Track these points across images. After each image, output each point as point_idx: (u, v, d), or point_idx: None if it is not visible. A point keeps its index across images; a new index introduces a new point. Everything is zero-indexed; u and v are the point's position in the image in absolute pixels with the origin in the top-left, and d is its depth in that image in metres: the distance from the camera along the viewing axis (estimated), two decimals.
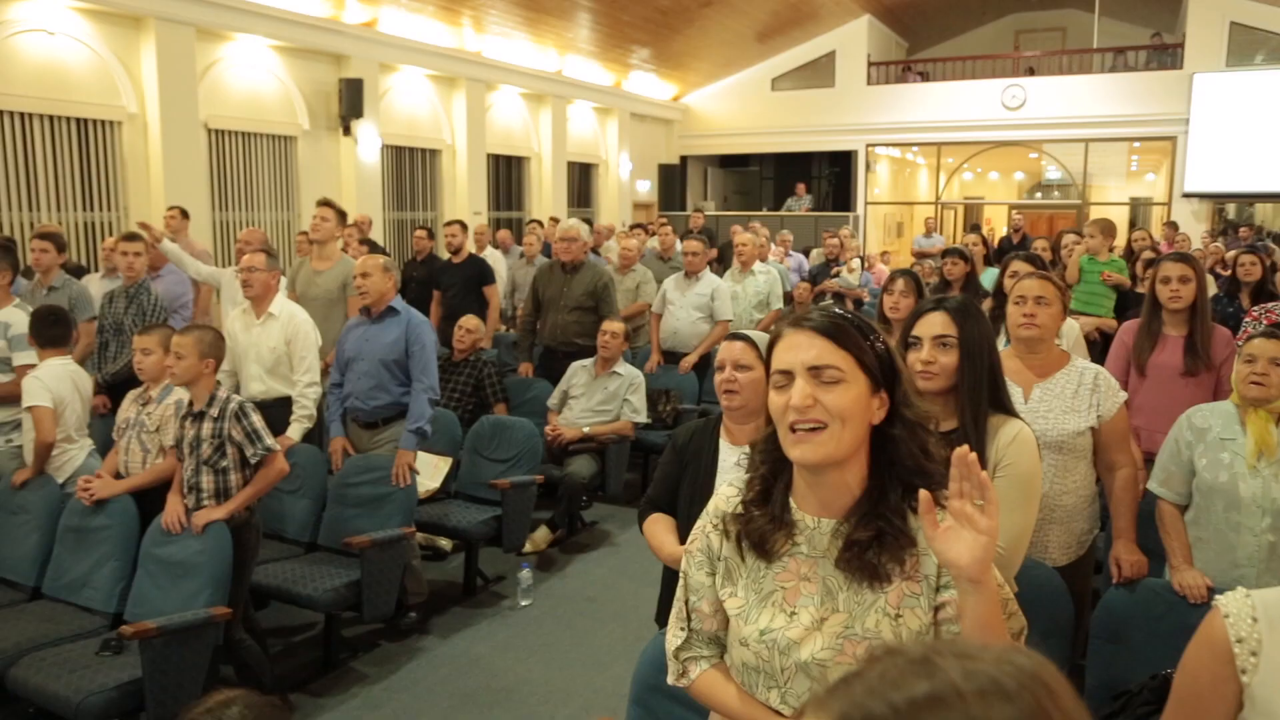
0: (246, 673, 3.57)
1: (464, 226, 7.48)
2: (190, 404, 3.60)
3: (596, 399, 5.63)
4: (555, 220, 11.97)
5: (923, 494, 1.31)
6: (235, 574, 3.44)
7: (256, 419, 3.57)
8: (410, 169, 12.12)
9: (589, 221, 12.25)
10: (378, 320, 4.56)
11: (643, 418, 5.70)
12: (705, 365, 6.40)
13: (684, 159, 18.46)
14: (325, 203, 5.57)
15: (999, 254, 7.73)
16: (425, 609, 4.54)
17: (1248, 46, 15.06)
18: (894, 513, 1.45)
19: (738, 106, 17.91)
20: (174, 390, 3.87)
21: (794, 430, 1.42)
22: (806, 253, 11.62)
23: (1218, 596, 1.50)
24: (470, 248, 7.77)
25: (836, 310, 1.50)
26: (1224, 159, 14.85)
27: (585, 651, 4.22)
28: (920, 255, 12.63)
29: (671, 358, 6.64)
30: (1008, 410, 2.33)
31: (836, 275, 9.17)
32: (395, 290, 4.62)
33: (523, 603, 4.69)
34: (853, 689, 0.66)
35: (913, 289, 4.16)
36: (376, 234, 10.61)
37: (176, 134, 8.75)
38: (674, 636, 1.65)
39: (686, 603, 1.63)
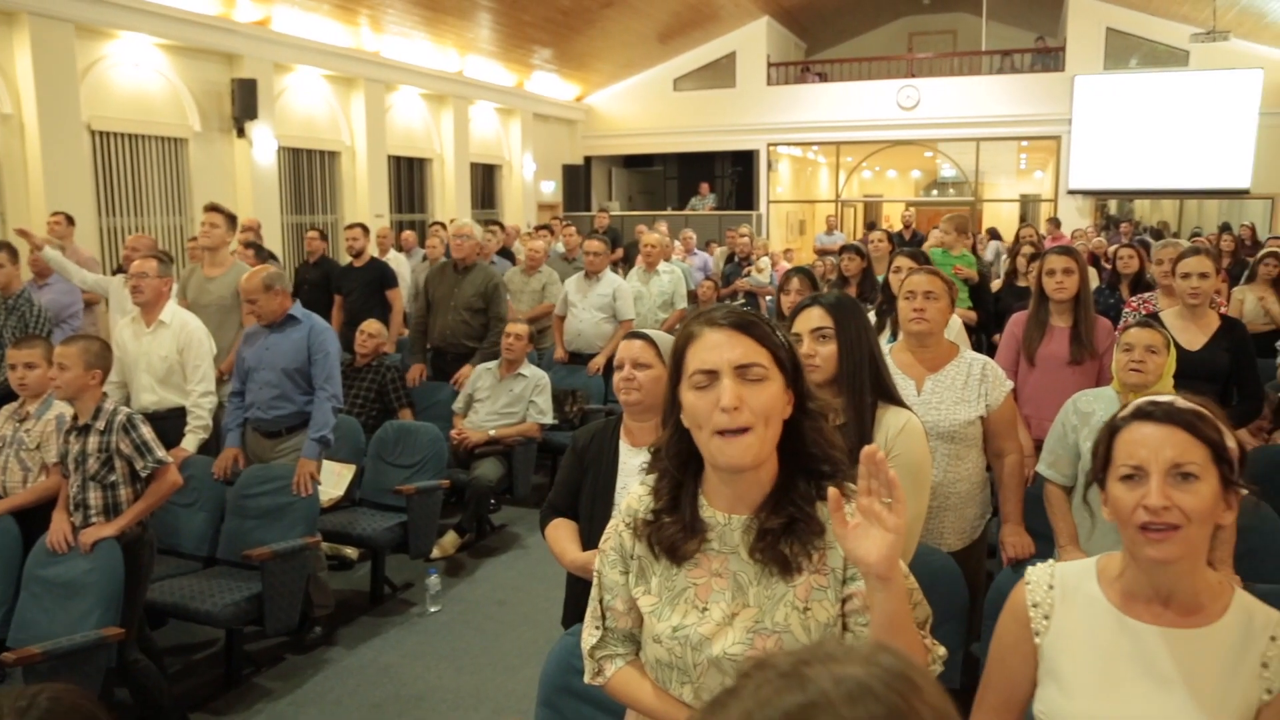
0: (143, 695, 3.44)
1: (365, 230, 7.34)
2: (74, 417, 3.46)
3: (502, 401, 5.59)
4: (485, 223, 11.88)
5: (832, 491, 1.32)
6: (128, 593, 3.32)
7: (146, 431, 3.45)
8: (308, 171, 11.83)
9: (498, 223, 12.18)
10: (278, 329, 4.45)
11: (549, 419, 5.69)
12: (612, 366, 6.41)
13: (588, 159, 18.47)
14: (213, 208, 5.41)
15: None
16: (331, 620, 4.45)
17: (1123, 51, 15.81)
18: (804, 500, 1.47)
19: (640, 107, 18.00)
20: (54, 404, 3.72)
21: (722, 434, 1.41)
22: (709, 248, 11.75)
23: (1028, 567, 1.61)
24: (372, 251, 7.64)
25: (743, 307, 1.51)
26: (1104, 157, 15.55)
27: (495, 655, 4.19)
28: (822, 252, 12.87)
29: (576, 359, 6.64)
30: (895, 400, 2.40)
31: (748, 274, 9.30)
32: (289, 299, 4.51)
33: (431, 609, 4.64)
34: (729, 710, 0.68)
35: (808, 285, 4.24)
36: (274, 238, 10.34)
37: (56, 135, 8.36)
38: (589, 635, 1.65)
39: (601, 601, 1.63)
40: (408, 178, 13.78)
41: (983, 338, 5.92)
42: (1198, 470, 1.39)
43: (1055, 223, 13.00)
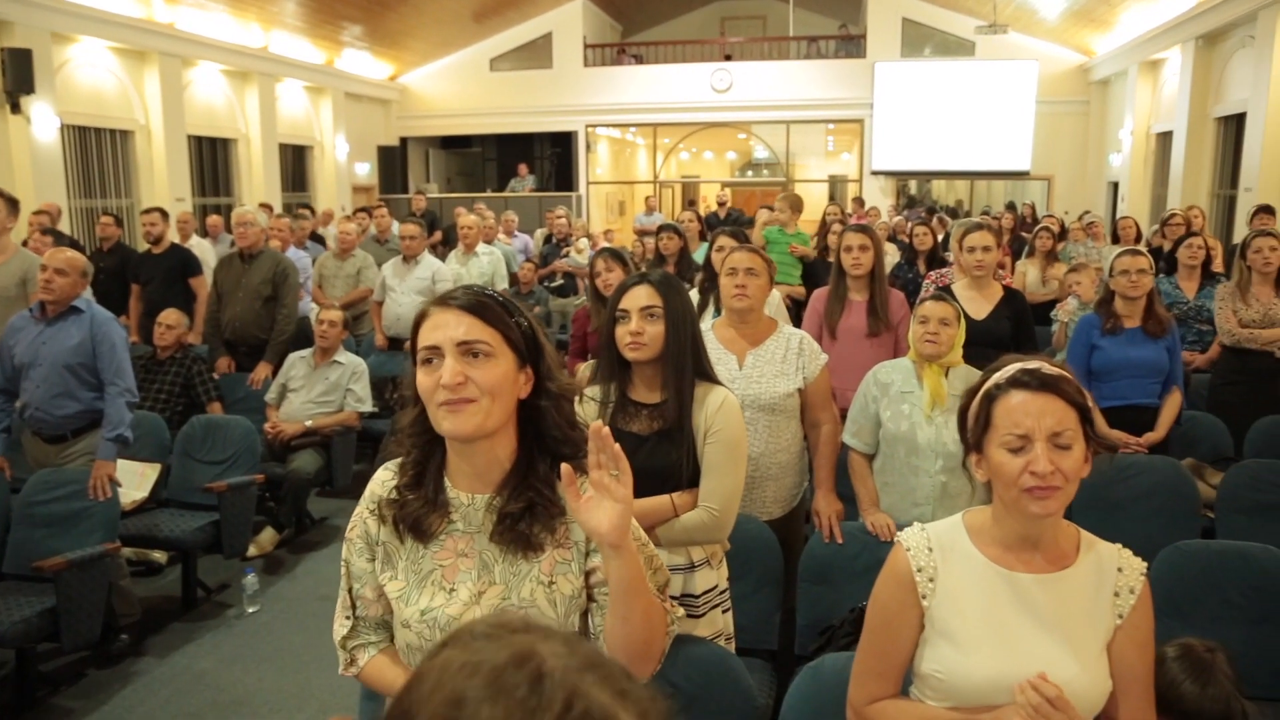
0: None
1: (164, 214, 6.89)
2: None
3: (317, 390, 5.41)
4: (267, 206, 11.32)
5: (564, 468, 1.37)
6: None
7: None
8: (98, 151, 10.96)
9: (307, 207, 11.69)
10: (54, 320, 4.08)
11: (368, 407, 5.55)
12: None
13: (404, 140, 18.00)
14: None
15: (710, 229, 8.14)
16: (139, 629, 4.18)
17: (918, 40, 16.78)
18: (543, 483, 1.51)
19: (457, 87, 17.67)
20: None
21: (444, 405, 1.44)
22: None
23: (899, 534, 1.70)
24: (173, 237, 7.20)
25: (482, 289, 1.52)
26: (903, 140, 16.45)
27: (320, 652, 4.07)
28: (641, 233, 13.03)
29: (397, 344, 6.49)
30: (711, 378, 2.47)
31: (566, 255, 9.32)
32: (82, 291, 4.18)
33: (250, 609, 4.45)
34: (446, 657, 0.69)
35: (618, 263, 4.31)
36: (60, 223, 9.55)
37: None
38: (340, 626, 1.65)
39: (350, 590, 1.63)
40: (210, 159, 13.01)
41: None
42: (1071, 436, 1.52)
43: (860, 202, 13.67)
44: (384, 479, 1.61)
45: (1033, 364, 1.59)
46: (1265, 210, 7.96)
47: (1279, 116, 9.86)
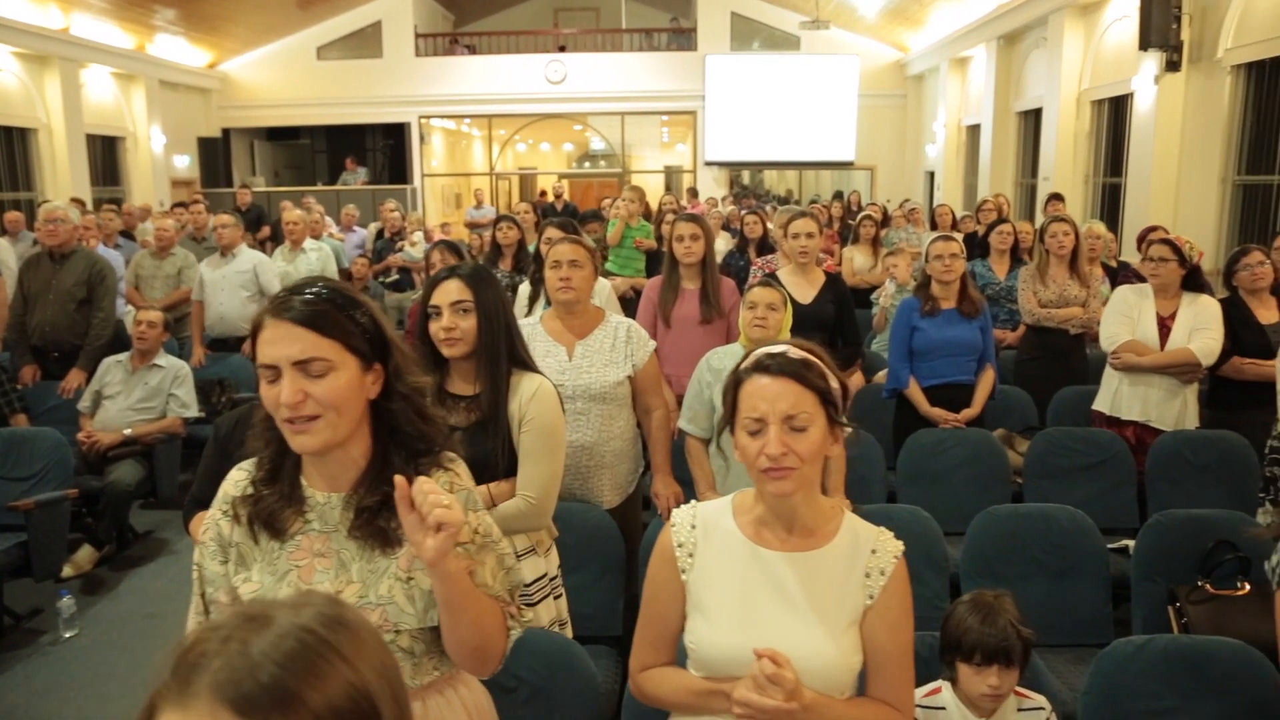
0: None
1: None
2: None
3: (136, 396, 5.10)
4: (79, 201, 10.58)
5: (399, 481, 1.35)
6: None
7: None
8: None
9: (118, 201, 10.98)
10: None
11: (193, 412, 5.27)
12: None
13: (227, 131, 17.14)
14: None
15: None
16: None
17: (747, 34, 17.26)
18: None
19: (282, 76, 16.98)
20: None
21: (287, 423, 1.42)
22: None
23: (673, 510, 1.77)
24: None
25: (319, 291, 1.46)
26: (735, 131, 16.89)
27: (147, 674, 3.84)
28: (472, 226, 12.87)
29: (222, 345, 6.19)
30: (529, 366, 2.49)
31: (400, 250, 9.13)
32: None
33: (66, 635, 4.16)
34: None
35: (454, 256, 4.27)
36: None
37: None
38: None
39: (203, 595, 1.58)
40: (7, 150, 12.01)
41: None
42: (808, 418, 1.57)
43: (693, 193, 13.95)
44: (237, 479, 1.57)
45: (778, 349, 1.64)
46: (1056, 197, 8.63)
47: (1070, 111, 10.69)
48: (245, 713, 0.73)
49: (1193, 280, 4.11)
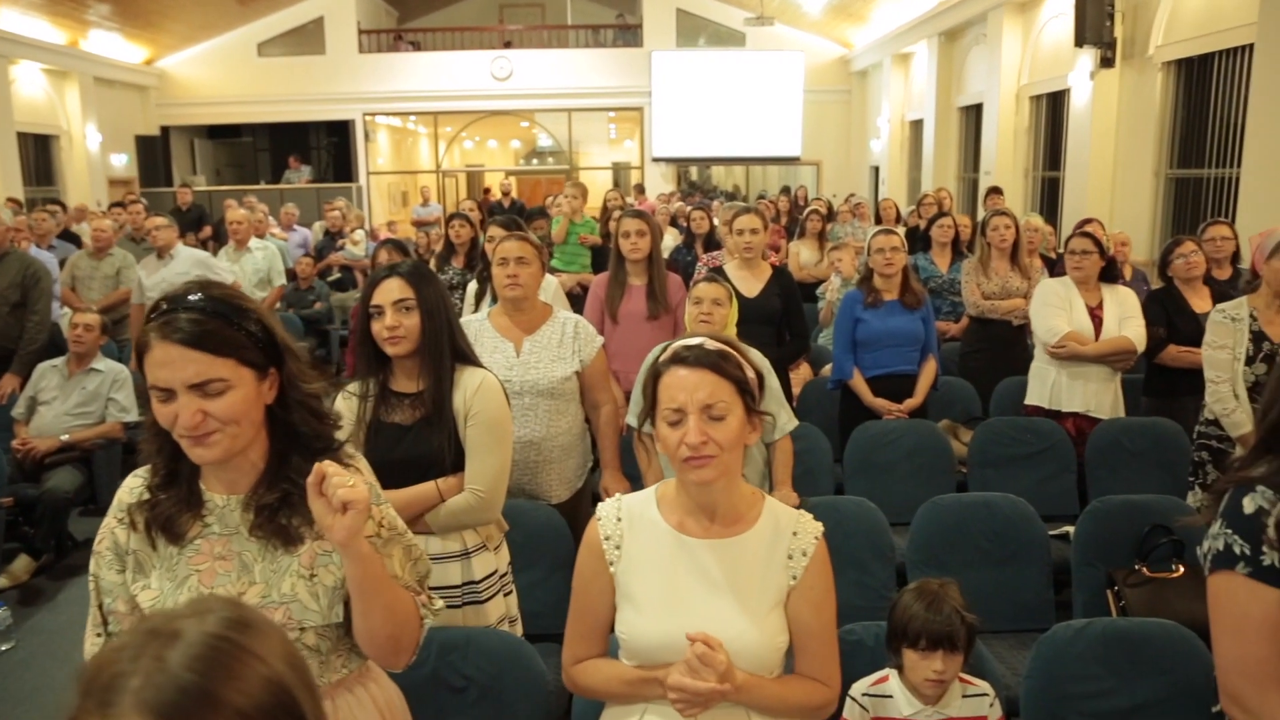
0: None
1: None
2: None
3: (74, 401, 4.98)
4: (15, 202, 10.31)
5: (317, 468, 1.37)
6: None
7: None
8: None
9: (57, 202, 10.70)
10: None
11: (133, 416, 5.15)
12: None
13: (166, 129, 16.80)
14: None
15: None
16: None
17: (692, 30, 17.31)
18: (298, 474, 1.49)
19: (222, 73, 16.67)
20: None
21: (185, 439, 1.41)
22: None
23: (599, 504, 1.78)
24: None
25: (203, 306, 1.41)
26: (682, 127, 16.93)
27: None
28: (419, 224, 12.75)
29: None
30: (472, 361, 2.48)
31: (342, 248, 9.03)
32: None
33: (2, 648, 4.04)
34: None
35: (400, 255, 4.24)
36: None
37: None
38: (90, 645, 1.56)
39: (101, 606, 1.55)
40: None
41: None
42: (725, 407, 1.59)
43: (640, 189, 13.98)
44: (132, 485, 1.55)
45: (695, 341, 1.66)
46: (995, 191, 8.79)
47: (1009, 107, 10.89)
48: None
49: (1108, 271, 4.23)
